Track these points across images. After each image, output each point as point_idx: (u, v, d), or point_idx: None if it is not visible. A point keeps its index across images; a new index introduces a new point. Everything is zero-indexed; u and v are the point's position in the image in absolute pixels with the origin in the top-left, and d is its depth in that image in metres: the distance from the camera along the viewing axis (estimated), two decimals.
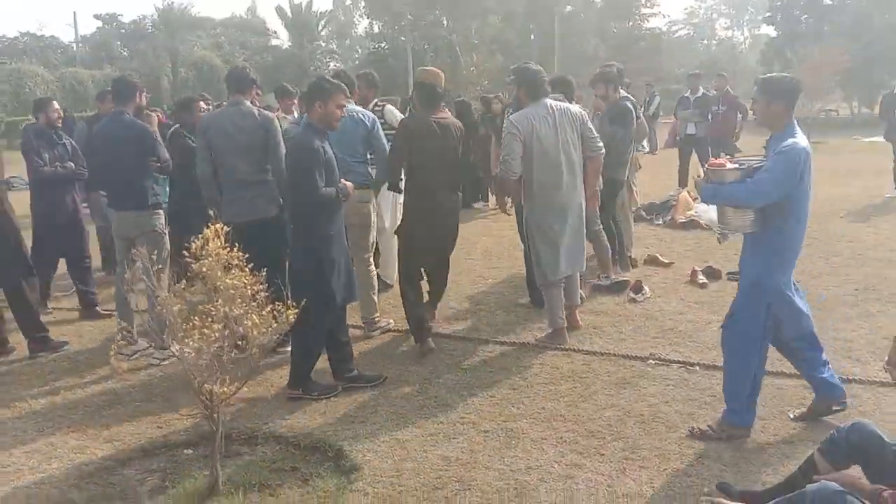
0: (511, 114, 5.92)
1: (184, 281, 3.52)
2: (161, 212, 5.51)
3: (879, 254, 7.82)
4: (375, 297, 5.90)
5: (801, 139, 3.86)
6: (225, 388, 3.47)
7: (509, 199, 6.50)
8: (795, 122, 3.96)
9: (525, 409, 4.45)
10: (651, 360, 5.11)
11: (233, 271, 3.46)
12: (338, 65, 46.81)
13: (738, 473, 3.63)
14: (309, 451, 4.05)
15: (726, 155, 11.52)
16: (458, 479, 3.68)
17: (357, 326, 5.82)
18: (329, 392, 4.74)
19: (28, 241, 6.12)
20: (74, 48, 50.57)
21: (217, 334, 3.32)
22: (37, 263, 6.03)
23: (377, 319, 5.89)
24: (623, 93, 7.27)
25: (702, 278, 6.93)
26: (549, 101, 5.41)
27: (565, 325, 5.55)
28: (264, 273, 3.61)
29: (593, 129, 5.60)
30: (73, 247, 6.64)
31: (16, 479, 3.88)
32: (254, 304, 3.44)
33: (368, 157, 5.78)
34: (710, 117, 11.93)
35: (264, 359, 3.75)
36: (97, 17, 62.68)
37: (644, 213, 10.26)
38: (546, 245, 5.42)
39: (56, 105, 6.68)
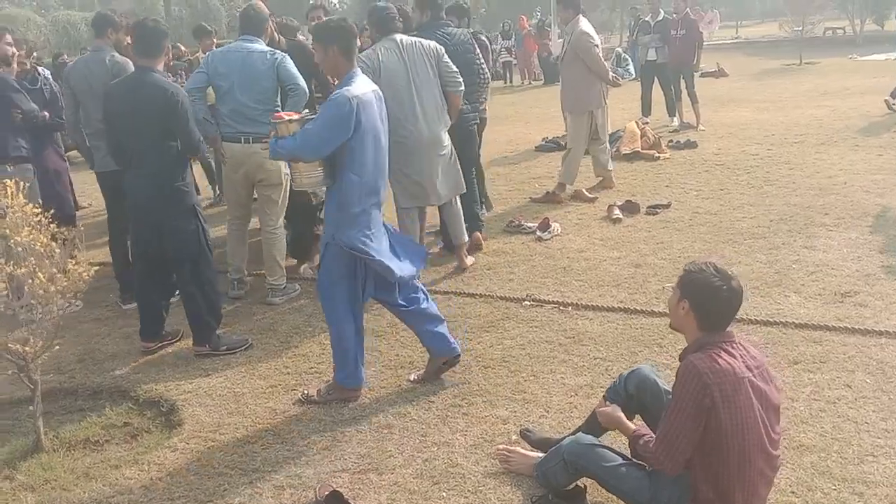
0: None
1: None
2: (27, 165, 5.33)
3: (815, 181, 7.58)
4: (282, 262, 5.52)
5: (357, 87, 3.65)
6: (28, 348, 3.44)
7: None
8: (358, 69, 3.77)
9: (378, 357, 4.39)
10: (526, 302, 5.01)
11: (27, 230, 3.39)
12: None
13: (556, 421, 3.56)
14: (146, 406, 4.04)
15: (685, 79, 11.25)
16: (275, 432, 3.65)
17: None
18: (238, 346, 4.61)
19: None
20: None
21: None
22: None
23: (283, 286, 5.48)
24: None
25: (616, 213, 6.76)
26: (399, 36, 5.25)
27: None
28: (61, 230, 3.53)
29: (451, 65, 5.38)
30: None
31: None
32: (47, 262, 3.37)
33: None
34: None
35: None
36: None
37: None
38: (399, 174, 5.30)
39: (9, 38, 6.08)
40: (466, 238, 5.84)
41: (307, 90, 5.19)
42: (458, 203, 5.72)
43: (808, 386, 3.71)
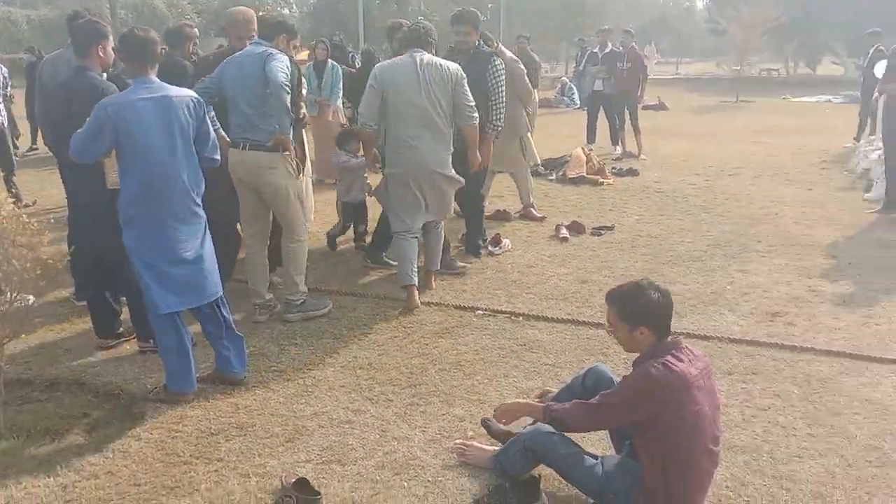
0: None
1: None
2: None
3: (748, 211, 8.02)
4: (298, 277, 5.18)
5: (127, 94, 3.81)
6: None
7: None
8: (150, 77, 3.83)
9: (337, 358, 4.53)
10: (479, 311, 5.21)
11: None
12: (288, 9, 45.75)
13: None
14: (105, 398, 4.07)
15: (629, 111, 11.72)
16: (238, 426, 3.74)
17: None
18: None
19: None
20: None
21: None
22: None
23: (300, 301, 5.16)
24: None
25: (564, 233, 7.05)
26: (419, 54, 5.12)
27: (414, 282, 5.36)
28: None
29: (468, 94, 5.16)
30: None
31: None
32: (13, 249, 3.44)
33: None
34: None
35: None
36: None
37: (541, 169, 10.35)
38: (395, 198, 5.39)
39: None
40: (437, 267, 5.77)
41: (286, 95, 4.60)
42: (441, 229, 5.65)
43: (741, 394, 4.00)
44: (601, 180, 9.67)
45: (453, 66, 5.18)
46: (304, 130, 5.24)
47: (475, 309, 5.26)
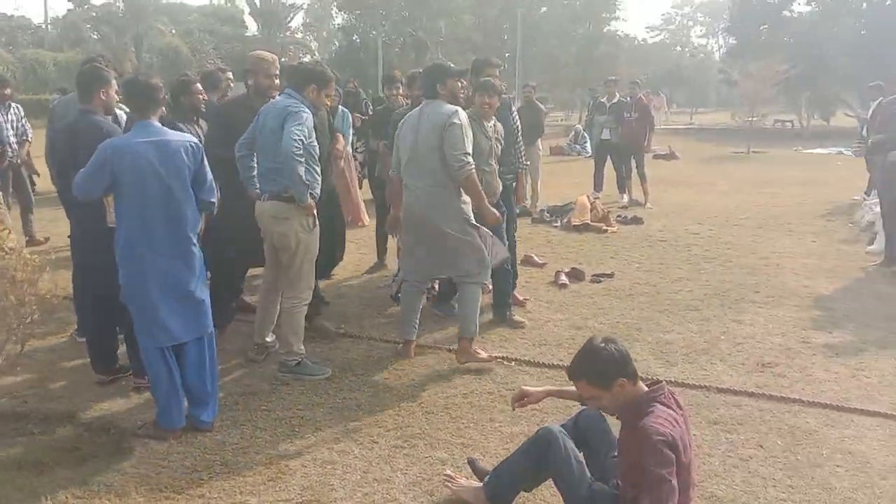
0: None
1: None
2: None
3: (749, 261, 8.05)
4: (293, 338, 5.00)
5: (127, 137, 3.99)
6: None
7: None
8: (150, 121, 3.98)
9: (327, 399, 4.59)
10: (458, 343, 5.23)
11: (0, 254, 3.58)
12: (310, 56, 46.68)
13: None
14: (97, 432, 4.15)
15: (635, 160, 11.84)
16: (223, 463, 3.80)
17: None
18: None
19: None
20: (45, 30, 49.96)
21: None
22: None
23: (296, 363, 4.96)
24: None
25: (563, 279, 7.11)
26: (429, 102, 5.01)
27: (410, 338, 5.29)
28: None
29: (454, 140, 4.79)
30: None
31: None
32: (13, 285, 3.55)
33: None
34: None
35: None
36: None
37: (546, 215, 10.49)
38: (402, 243, 5.46)
39: None
40: (470, 334, 5.15)
41: (297, 164, 4.52)
42: (471, 291, 5.12)
43: (724, 444, 4.01)
44: (605, 228, 9.75)
45: (446, 111, 4.86)
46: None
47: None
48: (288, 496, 3.51)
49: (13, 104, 8.81)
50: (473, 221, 5.05)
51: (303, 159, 4.55)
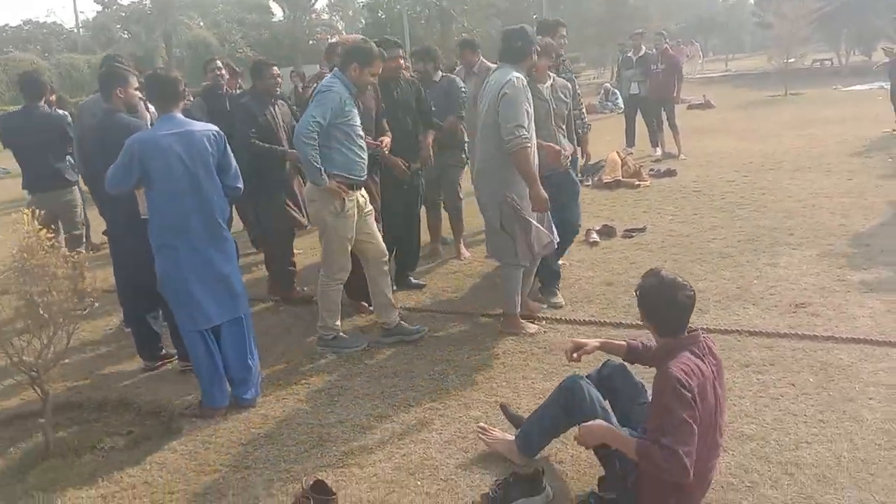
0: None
1: None
2: None
3: (784, 205, 7.95)
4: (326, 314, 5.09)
5: (152, 131, 4.15)
6: (41, 360, 3.78)
7: None
8: (174, 114, 4.12)
9: (364, 369, 4.72)
10: (502, 317, 5.33)
11: (41, 253, 3.76)
12: (338, 36, 46.76)
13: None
14: (147, 415, 4.35)
15: (665, 112, 11.69)
16: (266, 435, 3.97)
17: None
18: None
19: None
20: (77, 33, 50.89)
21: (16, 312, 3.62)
22: None
23: (331, 337, 5.09)
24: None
25: (594, 237, 7.13)
26: (493, 67, 5.20)
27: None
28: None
29: (507, 112, 4.65)
30: None
31: None
32: (55, 281, 3.73)
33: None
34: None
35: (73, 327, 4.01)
36: (97, 1, 62.95)
37: (579, 175, 10.43)
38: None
39: None
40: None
41: (304, 147, 4.63)
42: (507, 271, 5.10)
43: (756, 385, 4.04)
44: (637, 183, 9.70)
45: (501, 78, 4.77)
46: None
47: (497, 316, 5.36)
48: (329, 461, 3.65)
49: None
50: (518, 208, 4.81)
51: (314, 142, 4.60)
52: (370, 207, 5.09)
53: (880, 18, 30.72)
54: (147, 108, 5.38)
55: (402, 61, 5.93)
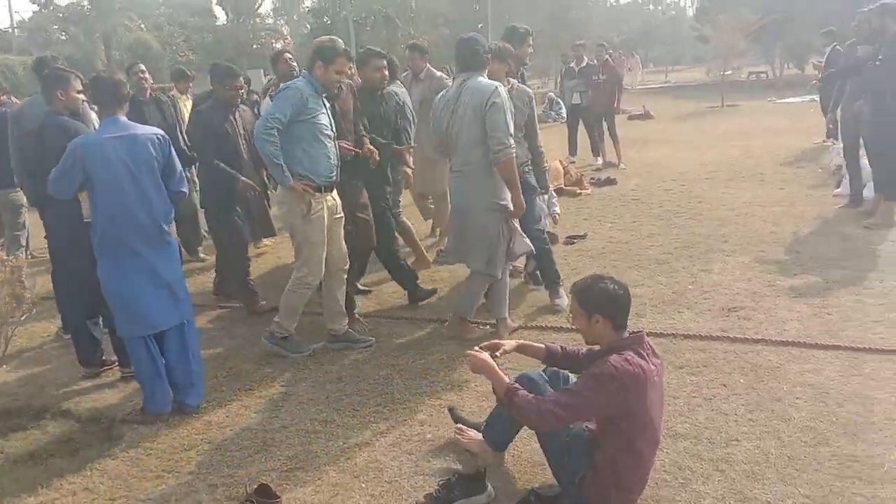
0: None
1: None
2: None
3: (719, 213, 8.22)
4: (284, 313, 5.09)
5: (94, 134, 4.14)
6: None
7: None
8: (118, 117, 4.10)
9: (309, 374, 4.74)
10: (447, 322, 5.41)
11: None
12: (283, 41, 46.39)
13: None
14: (88, 422, 4.29)
15: (606, 122, 11.95)
16: (210, 441, 3.96)
17: None
18: None
19: None
20: (12, 34, 49.38)
21: None
22: None
23: (280, 336, 5.12)
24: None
25: None
26: (465, 75, 4.79)
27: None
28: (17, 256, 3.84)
29: (498, 123, 4.61)
30: None
31: None
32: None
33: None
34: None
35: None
36: (34, 1, 61.26)
37: None
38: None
39: None
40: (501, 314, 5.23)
41: (261, 144, 4.63)
42: (476, 280, 5.14)
43: (689, 386, 4.19)
44: (578, 191, 9.90)
45: (485, 88, 4.69)
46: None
47: (443, 321, 5.45)
48: (274, 465, 3.66)
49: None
50: (503, 207, 4.84)
51: (273, 138, 4.58)
52: (341, 214, 5.03)
53: (811, 33, 31.92)
54: (91, 109, 5.33)
55: (385, 72, 5.80)
